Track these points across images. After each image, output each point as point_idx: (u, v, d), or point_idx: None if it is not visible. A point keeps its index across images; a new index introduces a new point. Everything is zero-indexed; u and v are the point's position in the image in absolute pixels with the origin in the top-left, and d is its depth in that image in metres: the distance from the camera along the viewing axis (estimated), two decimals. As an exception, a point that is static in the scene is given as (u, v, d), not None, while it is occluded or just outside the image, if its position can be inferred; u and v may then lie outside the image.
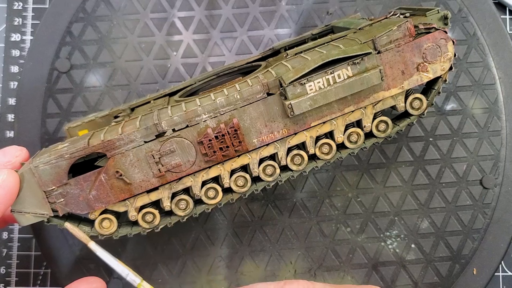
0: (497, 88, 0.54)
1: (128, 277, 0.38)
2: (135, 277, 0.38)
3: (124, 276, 0.38)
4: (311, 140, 0.42)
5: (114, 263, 0.39)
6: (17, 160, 0.41)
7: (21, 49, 0.56)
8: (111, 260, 0.39)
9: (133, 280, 0.38)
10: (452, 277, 0.53)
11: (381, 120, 0.43)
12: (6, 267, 0.54)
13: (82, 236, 0.39)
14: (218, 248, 0.53)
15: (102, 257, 0.39)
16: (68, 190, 0.39)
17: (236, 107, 0.39)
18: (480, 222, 0.53)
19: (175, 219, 0.43)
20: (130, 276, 0.38)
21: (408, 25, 0.40)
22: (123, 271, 0.39)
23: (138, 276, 0.38)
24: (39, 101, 0.54)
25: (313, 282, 0.40)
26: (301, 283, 0.40)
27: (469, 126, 0.54)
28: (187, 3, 0.55)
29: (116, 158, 0.39)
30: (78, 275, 0.48)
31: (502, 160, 0.54)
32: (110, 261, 0.39)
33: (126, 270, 0.39)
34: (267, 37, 0.55)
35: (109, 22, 0.55)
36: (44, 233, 0.52)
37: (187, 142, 0.40)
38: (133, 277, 0.38)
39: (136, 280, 0.38)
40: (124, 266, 0.39)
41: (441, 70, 0.41)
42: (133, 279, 0.38)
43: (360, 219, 0.53)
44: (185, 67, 0.55)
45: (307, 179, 0.54)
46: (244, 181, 0.42)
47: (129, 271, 0.38)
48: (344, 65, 0.39)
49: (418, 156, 0.54)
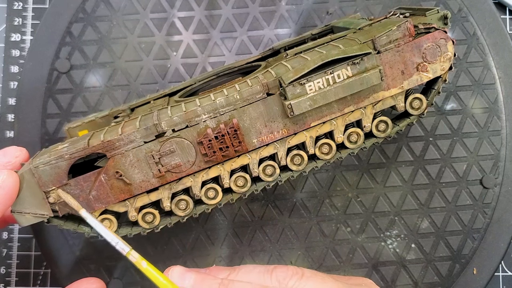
0: (497, 87, 0.54)
1: (117, 246, 0.38)
2: (124, 246, 0.38)
3: (113, 245, 0.38)
4: (311, 140, 0.42)
5: (104, 231, 0.39)
6: (17, 161, 0.41)
7: (21, 49, 0.56)
8: (101, 228, 0.39)
9: (122, 248, 0.38)
10: (452, 277, 0.53)
11: (381, 120, 0.43)
12: (6, 267, 0.54)
13: (74, 203, 0.39)
14: (218, 248, 0.53)
15: (93, 224, 0.39)
16: (68, 191, 0.39)
17: (236, 107, 0.39)
18: (480, 221, 0.53)
19: (175, 219, 0.43)
20: (120, 244, 0.38)
21: (408, 25, 0.40)
22: (112, 240, 0.38)
23: (127, 244, 0.38)
24: (39, 102, 0.54)
25: (302, 268, 0.40)
26: (290, 268, 0.40)
27: (469, 125, 0.54)
28: (187, 3, 0.55)
29: (116, 158, 0.39)
30: (78, 276, 0.48)
31: (502, 159, 0.53)
32: (100, 229, 0.39)
33: (115, 239, 0.39)
34: (267, 37, 0.55)
35: (109, 22, 0.55)
36: (44, 233, 0.52)
37: (187, 143, 0.40)
38: (122, 246, 0.38)
39: (125, 249, 0.38)
40: (114, 234, 0.39)
41: (441, 70, 0.41)
42: (122, 247, 0.38)
43: (360, 219, 0.53)
44: (185, 67, 0.55)
45: (307, 179, 0.54)
46: (244, 181, 0.42)
47: (118, 240, 0.38)
48: (343, 65, 0.39)
49: (418, 156, 0.54)
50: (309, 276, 0.39)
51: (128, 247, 0.38)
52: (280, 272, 0.39)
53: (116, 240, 0.38)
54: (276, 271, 0.40)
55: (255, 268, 0.40)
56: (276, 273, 0.39)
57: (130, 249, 0.38)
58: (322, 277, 0.40)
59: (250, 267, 0.41)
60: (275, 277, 0.39)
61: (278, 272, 0.39)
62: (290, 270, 0.40)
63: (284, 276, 0.39)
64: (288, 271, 0.40)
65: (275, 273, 0.39)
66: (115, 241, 0.38)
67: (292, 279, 0.39)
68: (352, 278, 0.44)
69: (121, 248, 0.38)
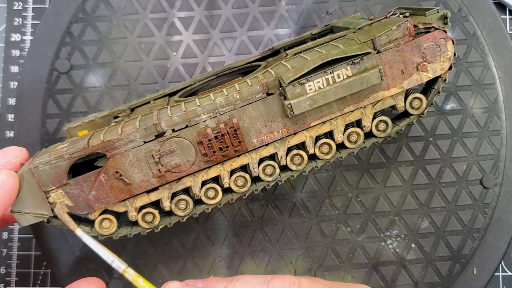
0: (497, 87, 0.54)
1: (113, 264, 0.38)
2: (120, 264, 0.39)
3: (109, 263, 0.38)
4: (310, 140, 0.42)
5: (100, 249, 0.39)
6: (17, 161, 0.41)
7: (21, 49, 0.56)
8: (97, 247, 0.39)
9: (118, 266, 0.38)
10: (452, 277, 0.53)
11: (380, 119, 0.43)
12: (6, 267, 0.54)
13: (70, 222, 0.39)
14: (219, 248, 0.53)
15: (89, 243, 0.39)
16: (68, 191, 0.39)
17: (236, 107, 0.39)
18: (480, 221, 0.53)
19: (175, 219, 0.43)
20: (116, 262, 0.39)
21: (408, 24, 0.40)
22: (108, 258, 0.39)
23: (123, 262, 0.39)
24: (39, 102, 0.54)
25: (299, 278, 0.40)
26: (287, 278, 0.39)
27: (469, 125, 0.54)
28: (187, 3, 0.55)
29: (115, 158, 0.39)
30: (78, 276, 0.48)
31: (502, 159, 0.53)
32: (96, 247, 0.39)
33: (111, 257, 0.39)
34: (266, 37, 0.55)
35: (109, 22, 0.55)
36: (44, 233, 0.52)
37: (186, 142, 0.40)
38: (118, 264, 0.39)
39: (121, 267, 0.38)
40: (109, 252, 0.39)
41: (440, 69, 0.41)
42: (118, 265, 0.38)
43: (360, 219, 0.53)
44: (185, 67, 0.55)
45: (307, 179, 0.54)
46: (244, 181, 0.42)
47: (114, 258, 0.39)
48: (343, 65, 0.39)
49: (418, 156, 0.54)
50: (306, 287, 0.39)
51: (124, 264, 0.39)
52: (277, 282, 0.39)
53: (112, 258, 0.39)
54: (273, 282, 0.39)
55: (252, 279, 0.40)
56: (273, 284, 0.39)
57: (126, 266, 0.39)
58: (318, 287, 0.40)
59: (248, 278, 0.40)
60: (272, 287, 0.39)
61: (275, 283, 0.39)
62: (287, 281, 0.39)
63: (281, 286, 0.39)
64: (285, 281, 0.39)
65: (271, 284, 0.39)
66: (111, 259, 0.39)
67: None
68: (351, 285, 0.43)
69: (117, 266, 0.39)
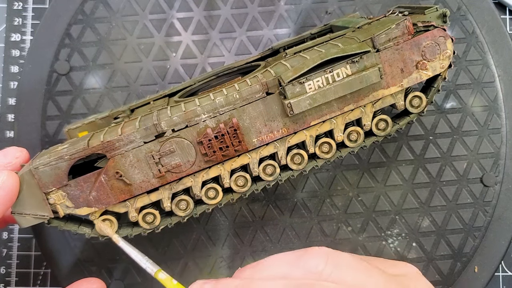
0: (496, 86, 0.54)
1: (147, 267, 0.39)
2: (153, 266, 0.39)
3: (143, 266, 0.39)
4: (311, 139, 0.42)
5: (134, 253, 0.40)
6: (17, 162, 0.41)
7: (21, 49, 0.56)
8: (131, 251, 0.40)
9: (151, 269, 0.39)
10: (453, 275, 0.53)
11: (380, 118, 0.43)
12: (6, 267, 0.54)
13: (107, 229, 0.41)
14: (220, 249, 0.53)
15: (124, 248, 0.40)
16: (68, 192, 0.39)
17: (236, 107, 0.39)
18: (481, 220, 0.53)
19: (176, 219, 0.43)
20: (149, 265, 0.39)
21: (407, 23, 0.40)
22: (141, 261, 0.39)
23: (155, 265, 0.39)
24: (38, 104, 0.54)
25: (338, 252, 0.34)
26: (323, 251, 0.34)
27: (469, 124, 0.54)
28: (186, 4, 0.55)
29: (116, 159, 0.39)
30: (79, 276, 0.48)
31: (503, 158, 0.53)
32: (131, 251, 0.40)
33: (144, 260, 0.39)
34: (266, 37, 0.55)
35: (108, 23, 0.55)
36: (44, 233, 0.52)
37: (186, 142, 0.40)
38: (151, 266, 0.39)
39: (153, 269, 0.39)
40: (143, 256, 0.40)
41: (440, 68, 0.41)
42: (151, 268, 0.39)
43: (361, 218, 0.53)
44: (185, 68, 0.55)
45: (307, 179, 0.54)
46: (244, 181, 0.42)
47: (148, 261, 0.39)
48: (343, 64, 0.39)
49: (418, 155, 0.54)
50: (349, 265, 0.34)
51: (157, 267, 0.39)
52: (310, 258, 0.34)
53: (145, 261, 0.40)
54: (306, 258, 0.34)
55: (282, 259, 0.35)
56: (306, 259, 0.34)
57: (159, 269, 0.39)
58: (365, 267, 0.34)
59: (276, 258, 0.36)
60: (305, 266, 0.34)
61: (308, 259, 0.34)
62: (323, 254, 0.34)
63: (317, 264, 0.33)
64: (321, 255, 0.34)
65: (304, 260, 0.34)
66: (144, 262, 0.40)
67: (327, 267, 0.33)
68: (396, 264, 0.38)
69: (150, 269, 0.39)
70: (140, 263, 0.39)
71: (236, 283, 0.35)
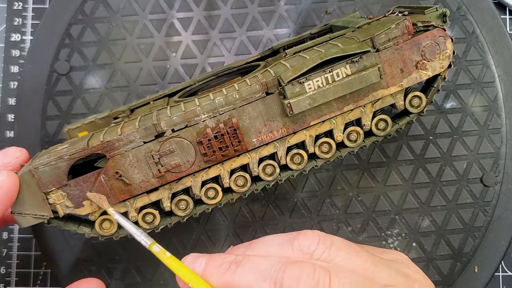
0: (496, 86, 0.54)
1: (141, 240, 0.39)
2: (147, 239, 0.39)
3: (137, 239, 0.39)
4: (310, 139, 0.42)
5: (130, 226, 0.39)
6: (17, 162, 0.41)
7: (21, 49, 0.56)
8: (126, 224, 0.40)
9: (145, 242, 0.38)
10: (453, 275, 0.53)
11: (380, 118, 0.43)
12: (6, 267, 0.54)
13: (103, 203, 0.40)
14: (219, 249, 0.53)
15: (119, 221, 0.40)
16: (68, 191, 0.39)
17: (235, 107, 0.39)
18: (481, 220, 0.53)
19: (175, 219, 0.43)
20: (143, 237, 0.39)
21: (407, 23, 0.40)
22: (135, 233, 0.39)
23: (150, 238, 0.39)
24: (38, 104, 0.54)
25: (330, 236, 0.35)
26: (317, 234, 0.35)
27: (469, 124, 0.54)
28: (186, 4, 0.55)
29: (115, 159, 0.39)
30: (78, 276, 0.48)
31: (502, 157, 0.53)
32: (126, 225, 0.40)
33: (138, 232, 0.39)
34: (266, 37, 0.55)
35: (108, 23, 0.55)
36: (44, 233, 0.52)
37: (186, 142, 0.40)
38: (145, 239, 0.39)
39: (147, 242, 0.38)
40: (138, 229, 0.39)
41: (440, 67, 0.41)
42: (145, 240, 0.39)
43: (361, 218, 0.53)
44: (185, 68, 0.55)
45: (307, 179, 0.54)
46: (244, 181, 0.42)
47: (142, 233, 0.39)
48: (342, 64, 0.39)
49: (418, 155, 0.54)
50: (340, 246, 0.35)
51: (151, 239, 0.39)
52: (303, 239, 0.35)
53: (139, 233, 0.39)
54: (299, 239, 0.35)
55: (275, 239, 0.37)
56: (299, 241, 0.35)
57: (153, 242, 0.39)
58: (355, 249, 0.35)
59: (270, 238, 0.37)
60: (297, 246, 0.35)
61: (301, 240, 0.35)
62: (315, 236, 0.35)
63: (309, 244, 0.35)
64: (313, 237, 0.35)
65: (297, 241, 0.35)
66: (138, 234, 0.39)
67: (319, 248, 0.35)
68: (386, 251, 0.40)
69: (144, 242, 0.39)
70: (135, 236, 0.39)
71: (230, 258, 0.36)
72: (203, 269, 0.37)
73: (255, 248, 0.37)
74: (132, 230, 0.39)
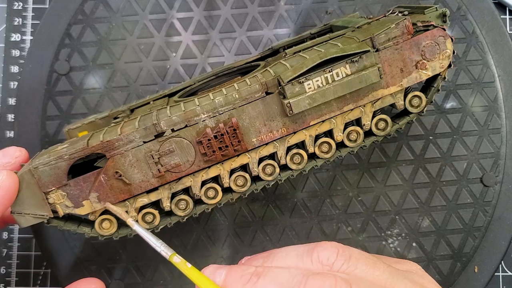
0: (496, 86, 0.54)
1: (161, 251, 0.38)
2: (167, 250, 0.38)
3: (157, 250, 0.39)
4: (310, 139, 0.42)
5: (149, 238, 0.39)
6: (17, 161, 0.41)
7: (21, 49, 0.57)
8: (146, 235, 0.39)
9: (166, 252, 0.38)
10: (453, 275, 0.53)
11: (380, 118, 0.43)
12: (6, 267, 0.54)
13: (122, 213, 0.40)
14: (220, 249, 0.53)
15: (139, 231, 0.39)
16: (68, 191, 0.39)
17: (235, 107, 0.39)
18: (481, 220, 0.53)
19: (175, 219, 0.43)
20: (163, 248, 0.38)
21: (407, 22, 0.40)
22: (155, 244, 0.39)
23: (170, 248, 0.39)
24: (38, 104, 0.54)
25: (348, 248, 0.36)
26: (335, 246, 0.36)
27: (469, 124, 0.54)
28: (186, 4, 0.55)
29: (115, 158, 0.39)
30: (78, 276, 0.48)
31: (502, 158, 0.53)
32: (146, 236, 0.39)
33: (159, 243, 0.39)
34: (266, 37, 0.55)
35: (108, 23, 0.55)
36: (44, 233, 0.52)
37: (186, 142, 0.40)
38: (166, 250, 0.38)
39: (168, 253, 0.38)
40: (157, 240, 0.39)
41: (440, 67, 0.41)
42: (166, 251, 0.38)
43: (361, 218, 0.53)
44: (185, 68, 0.55)
45: (307, 179, 0.54)
46: (243, 181, 0.42)
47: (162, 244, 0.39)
48: (342, 63, 0.39)
49: (418, 155, 0.54)
50: (358, 258, 0.36)
51: (171, 250, 0.39)
52: (322, 251, 0.36)
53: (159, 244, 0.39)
54: (318, 250, 0.36)
55: (294, 250, 0.37)
56: (318, 252, 0.36)
57: (173, 253, 0.39)
58: (372, 260, 0.36)
59: (288, 249, 0.38)
60: (317, 258, 0.36)
61: (320, 251, 0.36)
62: (334, 248, 0.36)
63: (328, 256, 0.36)
64: (332, 248, 0.36)
65: (316, 252, 0.36)
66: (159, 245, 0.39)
67: (338, 260, 0.35)
68: (400, 261, 0.41)
69: (165, 252, 0.39)
70: (155, 247, 0.39)
71: (251, 269, 0.36)
72: (224, 280, 0.37)
73: (274, 259, 0.38)
74: (152, 241, 0.39)
